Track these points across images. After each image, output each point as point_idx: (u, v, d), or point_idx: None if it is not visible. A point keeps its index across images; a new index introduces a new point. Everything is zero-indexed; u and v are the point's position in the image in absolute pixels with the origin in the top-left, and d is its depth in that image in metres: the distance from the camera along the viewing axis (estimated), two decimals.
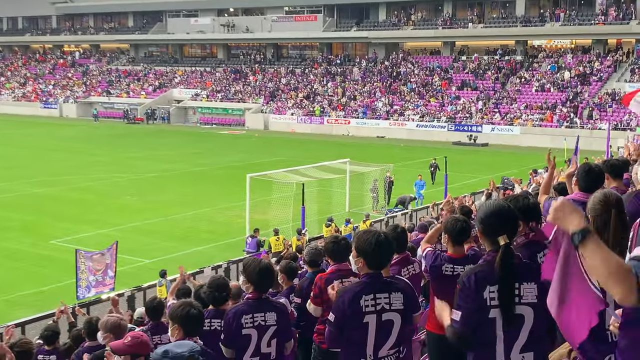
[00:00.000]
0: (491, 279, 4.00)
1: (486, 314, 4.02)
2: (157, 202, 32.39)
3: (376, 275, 4.89)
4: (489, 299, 4.01)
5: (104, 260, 17.99)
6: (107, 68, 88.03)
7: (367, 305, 4.75)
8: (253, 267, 5.89)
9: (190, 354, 3.64)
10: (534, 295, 4.04)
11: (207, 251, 24.28)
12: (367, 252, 4.84)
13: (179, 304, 5.36)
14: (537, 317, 4.05)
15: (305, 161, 37.31)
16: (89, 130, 66.08)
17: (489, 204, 4.24)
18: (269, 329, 5.82)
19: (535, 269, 4.14)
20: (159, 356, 3.65)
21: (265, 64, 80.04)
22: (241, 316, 5.75)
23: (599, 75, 59.30)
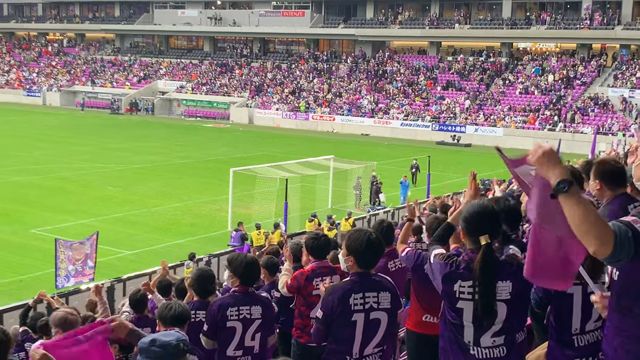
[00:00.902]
0: (465, 275, 4.08)
1: (454, 303, 4.13)
2: (139, 194, 32.29)
3: (366, 274, 4.94)
4: (458, 292, 4.10)
5: (84, 250, 17.94)
6: (92, 57, 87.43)
7: (356, 304, 4.80)
8: (239, 261, 5.93)
9: (177, 342, 3.69)
10: (508, 292, 4.14)
11: (189, 244, 24.22)
12: (358, 251, 4.88)
13: (164, 306, 5.42)
14: (510, 312, 4.15)
15: (289, 157, 37.32)
16: (73, 119, 65.65)
17: (473, 204, 4.31)
18: (254, 322, 5.85)
19: (512, 268, 4.23)
20: (146, 345, 3.70)
21: (252, 58, 79.86)
22: (227, 308, 5.78)
23: (583, 80, 59.73)
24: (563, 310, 4.43)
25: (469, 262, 4.12)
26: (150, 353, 3.69)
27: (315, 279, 6.62)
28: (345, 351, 4.85)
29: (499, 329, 4.14)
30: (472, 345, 4.14)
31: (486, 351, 4.14)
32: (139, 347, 3.75)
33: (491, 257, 4.06)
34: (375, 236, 4.96)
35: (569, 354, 4.40)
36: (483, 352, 4.14)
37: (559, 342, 4.46)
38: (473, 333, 4.13)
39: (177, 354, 3.70)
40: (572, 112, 55.36)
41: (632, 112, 53.37)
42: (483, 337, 4.13)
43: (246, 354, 5.88)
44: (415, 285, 6.47)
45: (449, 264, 4.15)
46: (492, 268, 4.04)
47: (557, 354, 4.49)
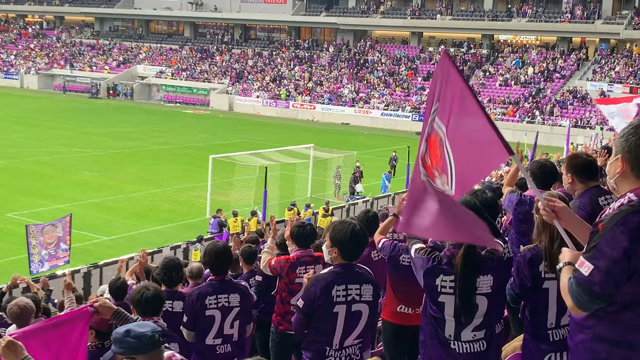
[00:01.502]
0: (447, 270, 4.09)
1: (436, 297, 4.15)
2: (117, 179, 32.05)
3: (349, 266, 4.93)
4: (440, 286, 4.11)
5: (55, 233, 17.75)
6: (71, 40, 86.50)
7: (338, 296, 4.79)
8: (209, 250, 5.97)
9: (152, 334, 3.66)
10: (489, 286, 4.17)
11: (167, 230, 24.16)
12: (342, 243, 4.86)
13: (136, 289, 5.40)
14: (490, 305, 4.17)
15: (269, 144, 37.25)
16: (51, 102, 64.95)
17: None
18: (232, 310, 5.88)
19: (493, 263, 4.24)
20: (120, 335, 3.66)
21: (233, 45, 79.43)
22: (205, 297, 5.79)
23: (562, 73, 60.12)
24: (539, 304, 4.43)
25: (450, 258, 4.12)
26: (124, 344, 3.66)
27: (299, 267, 6.65)
28: (325, 342, 4.84)
29: (480, 323, 4.16)
30: (452, 340, 4.15)
31: (466, 345, 4.15)
32: (114, 338, 3.72)
33: (473, 253, 4.06)
34: (360, 228, 4.94)
35: (544, 348, 4.41)
36: (463, 347, 4.16)
37: (534, 336, 4.47)
38: (454, 327, 4.14)
39: (152, 345, 3.67)
40: (551, 105, 55.73)
41: None
42: (464, 332, 4.14)
43: (225, 342, 5.90)
44: (390, 276, 6.49)
45: (431, 259, 4.15)
46: (473, 264, 4.04)
47: (532, 348, 4.50)
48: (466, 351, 4.15)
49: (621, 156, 3.04)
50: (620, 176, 3.07)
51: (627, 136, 3.02)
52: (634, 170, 3.01)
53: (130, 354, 3.65)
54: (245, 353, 6.31)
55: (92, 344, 5.51)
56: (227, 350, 5.92)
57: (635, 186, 3.01)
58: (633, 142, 2.99)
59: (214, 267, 6.01)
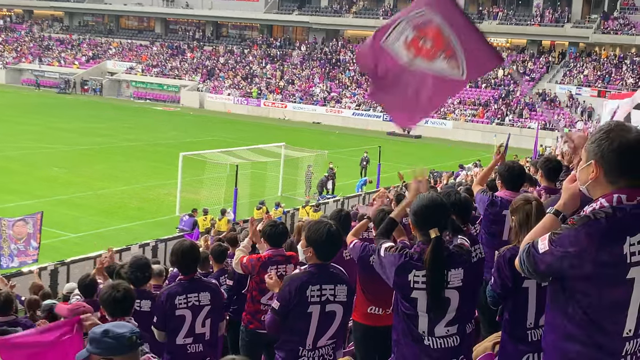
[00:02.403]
0: (419, 266, 4.09)
1: (408, 293, 4.13)
2: (85, 176, 31.68)
3: (323, 266, 4.92)
4: (412, 282, 4.09)
5: (26, 230, 17.55)
6: (40, 35, 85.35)
7: (312, 296, 4.78)
8: (176, 249, 5.95)
9: (130, 335, 3.61)
10: (460, 280, 4.17)
11: (136, 228, 23.94)
12: (318, 243, 4.86)
13: (104, 289, 5.34)
14: (462, 299, 4.19)
15: (240, 143, 37.10)
16: (19, 97, 64.01)
17: (422, 197, 4.32)
18: (203, 308, 5.85)
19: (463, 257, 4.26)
20: (98, 335, 3.59)
21: (204, 42, 79.01)
22: (174, 297, 5.75)
23: (532, 75, 60.75)
24: (518, 304, 4.47)
25: (420, 253, 4.14)
26: (102, 344, 3.60)
27: (270, 267, 6.62)
28: (298, 342, 4.84)
29: (452, 318, 4.17)
30: (426, 336, 4.15)
31: (440, 341, 4.16)
32: (90, 337, 3.64)
33: (441, 249, 4.08)
34: (336, 228, 4.93)
35: (522, 348, 4.44)
36: (437, 342, 4.16)
37: (512, 337, 4.50)
38: (427, 323, 4.14)
39: (130, 347, 3.62)
40: (520, 108, 56.30)
41: (578, 109, 54.55)
42: (437, 327, 4.15)
43: (197, 342, 5.87)
44: (360, 276, 6.49)
45: (402, 255, 4.15)
46: (442, 260, 4.06)
47: (509, 349, 4.52)
48: (440, 346, 4.16)
49: (594, 162, 3.02)
50: (593, 182, 3.06)
51: (599, 142, 3.00)
52: (607, 175, 3.01)
53: (107, 354, 3.59)
54: (217, 352, 6.28)
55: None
56: (198, 350, 5.88)
57: (607, 191, 3.01)
58: (606, 148, 2.98)
59: (181, 267, 5.99)
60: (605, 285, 2.94)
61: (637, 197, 2.97)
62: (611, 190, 3.01)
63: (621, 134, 2.98)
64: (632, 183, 2.99)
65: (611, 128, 3.03)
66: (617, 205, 2.95)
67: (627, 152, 2.96)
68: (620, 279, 2.92)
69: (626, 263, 2.90)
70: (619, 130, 3.00)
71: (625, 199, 2.96)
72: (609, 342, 2.97)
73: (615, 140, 2.97)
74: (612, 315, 2.97)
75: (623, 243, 2.90)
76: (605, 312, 2.97)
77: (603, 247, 2.89)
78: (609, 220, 2.91)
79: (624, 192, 2.97)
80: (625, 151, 2.96)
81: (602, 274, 2.92)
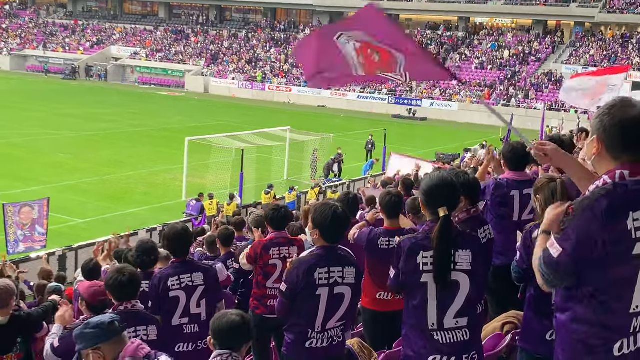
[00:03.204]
0: (426, 246, 4.09)
1: (418, 278, 4.10)
2: (92, 162, 31.75)
3: (331, 248, 4.92)
4: (421, 264, 4.08)
5: (31, 215, 17.63)
6: (44, 21, 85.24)
7: (320, 278, 4.77)
8: (166, 234, 6.01)
9: (111, 320, 3.65)
10: (469, 263, 4.14)
11: (143, 213, 24.00)
12: (324, 225, 4.86)
13: (110, 274, 5.34)
14: (472, 283, 4.16)
15: (245, 127, 37.09)
16: (24, 84, 64.02)
17: (432, 176, 4.32)
18: (197, 289, 5.89)
19: (473, 239, 4.26)
20: (80, 330, 3.69)
21: (208, 26, 78.77)
22: (167, 279, 5.81)
23: (537, 56, 60.44)
24: None
25: (428, 232, 4.13)
26: (85, 336, 3.66)
27: (273, 249, 6.64)
28: (307, 324, 4.84)
29: (462, 307, 4.14)
30: (436, 329, 4.13)
31: (449, 335, 4.14)
32: (75, 335, 3.72)
33: (449, 228, 4.08)
34: (342, 210, 4.93)
35: (547, 324, 4.46)
36: (446, 337, 4.14)
37: (538, 313, 4.53)
38: (437, 312, 4.12)
39: (113, 332, 3.66)
40: (526, 89, 56.06)
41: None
42: (446, 318, 4.12)
43: (192, 322, 5.91)
44: (368, 261, 6.50)
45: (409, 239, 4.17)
46: (449, 239, 4.05)
47: (534, 325, 4.56)
48: (449, 341, 4.14)
49: (596, 137, 3.03)
50: (596, 157, 3.06)
51: (602, 117, 3.01)
52: (610, 151, 3.01)
53: (92, 345, 3.63)
54: None
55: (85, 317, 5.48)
56: (194, 330, 5.93)
57: (611, 167, 3.01)
58: (607, 123, 2.98)
59: (173, 250, 6.04)
60: (612, 264, 2.93)
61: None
62: (614, 166, 3.00)
63: (623, 110, 2.98)
64: (635, 158, 2.98)
65: (615, 103, 3.03)
66: (619, 182, 2.94)
67: (628, 127, 2.95)
68: (626, 255, 2.91)
69: (631, 239, 2.89)
70: (621, 106, 3.00)
71: (628, 175, 2.95)
72: (616, 320, 2.98)
73: (617, 116, 2.97)
74: (619, 293, 2.96)
75: (626, 218, 2.88)
76: (613, 291, 2.97)
77: (606, 226, 2.88)
78: (609, 197, 2.90)
79: (627, 168, 2.96)
80: (626, 126, 2.95)
81: (608, 252, 2.90)
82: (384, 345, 6.41)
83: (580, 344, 3.05)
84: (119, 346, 3.66)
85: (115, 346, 3.65)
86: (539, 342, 4.55)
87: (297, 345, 4.90)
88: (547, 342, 4.48)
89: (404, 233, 6.66)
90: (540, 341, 4.54)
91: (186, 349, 5.89)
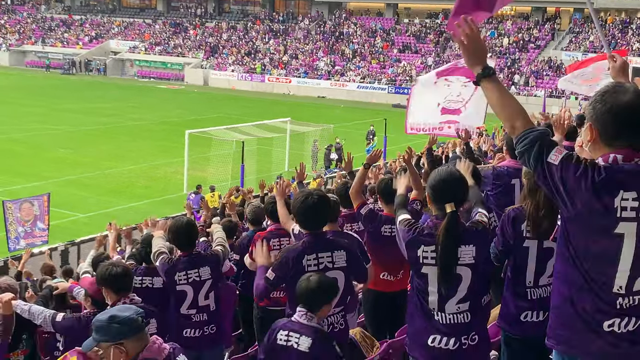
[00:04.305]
0: (427, 241, 4.08)
1: (419, 268, 4.16)
2: (92, 156, 31.74)
3: (319, 235, 4.93)
4: (422, 257, 4.11)
5: (32, 211, 17.62)
6: (42, 16, 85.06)
7: (309, 265, 4.79)
8: (172, 226, 6.04)
9: (137, 316, 3.60)
10: (472, 257, 4.15)
11: (144, 207, 24.00)
12: (299, 213, 4.90)
13: (101, 268, 5.28)
14: (474, 277, 4.18)
15: (245, 119, 37.06)
16: (23, 79, 63.95)
17: (440, 170, 4.29)
18: (204, 283, 5.91)
19: (476, 233, 4.25)
20: (105, 323, 3.56)
21: (206, 19, 78.57)
22: (174, 274, 5.80)
23: (537, 43, 60.28)
24: (519, 263, 4.58)
25: (432, 228, 4.12)
26: (111, 330, 3.56)
27: (273, 240, 6.65)
28: None
29: (464, 296, 4.17)
30: (436, 311, 4.16)
31: (450, 317, 4.18)
32: (95, 325, 3.59)
33: (456, 224, 4.05)
34: (317, 197, 4.88)
35: (522, 305, 4.56)
36: (447, 318, 4.18)
37: (514, 294, 4.63)
38: (438, 299, 4.14)
39: (138, 328, 3.61)
40: (526, 76, 55.94)
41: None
42: (448, 304, 4.16)
43: (201, 312, 5.93)
44: (369, 243, 6.51)
45: (412, 230, 4.17)
46: (455, 235, 4.04)
47: (510, 306, 4.65)
48: (449, 322, 4.18)
49: (590, 124, 3.05)
50: (591, 144, 3.08)
51: (594, 104, 3.02)
52: (602, 137, 3.02)
53: (116, 340, 3.56)
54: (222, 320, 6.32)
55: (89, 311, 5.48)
56: (203, 319, 5.97)
57: (604, 153, 3.03)
58: (599, 110, 2.99)
59: (179, 244, 6.01)
60: (591, 233, 2.97)
61: (634, 159, 2.97)
62: (608, 152, 3.02)
63: (615, 96, 2.98)
64: (627, 144, 2.98)
65: (607, 90, 3.03)
66: (613, 163, 2.97)
67: (620, 114, 2.95)
68: (607, 230, 2.94)
69: (615, 216, 2.92)
70: (614, 92, 3.00)
71: (622, 159, 2.97)
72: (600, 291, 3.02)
73: (608, 103, 2.98)
74: (599, 267, 3.00)
75: (616, 195, 2.91)
76: (592, 261, 3.01)
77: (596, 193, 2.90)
78: (607, 170, 2.93)
79: (620, 153, 2.98)
80: (618, 113, 2.95)
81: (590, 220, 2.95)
82: (385, 333, 6.43)
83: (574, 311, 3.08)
84: (141, 343, 3.63)
85: (137, 343, 3.61)
86: (514, 322, 4.64)
87: None
88: (522, 323, 4.62)
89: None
90: (515, 322, 4.63)
91: (193, 335, 5.93)
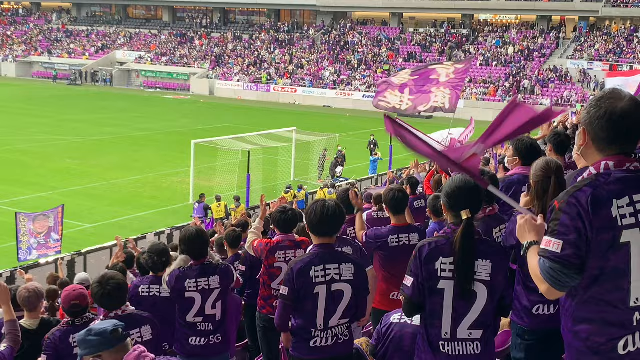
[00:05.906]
0: (446, 251, 3.98)
1: (435, 284, 4.01)
2: (99, 166, 31.86)
3: (327, 246, 4.94)
4: (439, 270, 3.99)
5: (47, 223, 17.73)
6: (48, 27, 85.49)
7: (317, 276, 4.79)
8: (182, 237, 6.02)
9: (114, 328, 3.62)
10: (487, 273, 4.04)
11: (150, 217, 24.07)
12: (313, 222, 4.90)
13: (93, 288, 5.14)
14: (490, 295, 4.07)
15: (251, 128, 37.14)
16: (29, 90, 64.22)
17: (455, 178, 4.26)
18: (212, 292, 5.91)
19: (493, 247, 4.22)
20: (82, 336, 3.63)
21: (212, 29, 78.86)
22: (184, 280, 5.82)
23: (542, 52, 60.28)
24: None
25: (449, 235, 4.05)
26: (88, 343, 3.61)
27: (279, 252, 6.63)
28: (309, 323, 4.86)
29: (477, 319, 4.04)
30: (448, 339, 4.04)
31: (459, 347, 4.05)
32: (77, 340, 3.67)
33: (471, 232, 3.99)
34: (330, 204, 4.92)
35: (533, 299, 4.50)
36: (456, 349, 4.05)
37: (525, 287, 4.57)
38: (451, 321, 4.02)
39: (115, 339, 3.63)
40: (532, 84, 55.93)
41: (590, 84, 54.11)
42: (460, 328, 4.02)
43: (207, 321, 5.95)
44: (382, 262, 6.49)
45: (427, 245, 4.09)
46: (472, 243, 3.96)
47: (523, 300, 4.60)
48: (459, 353, 4.06)
49: (583, 129, 3.01)
50: (584, 149, 3.05)
51: (589, 108, 2.99)
52: (595, 143, 2.99)
53: (95, 352, 3.60)
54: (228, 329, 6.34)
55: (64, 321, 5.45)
56: (208, 328, 5.99)
57: (597, 159, 3.00)
58: (593, 115, 2.96)
59: (191, 253, 6.02)
60: (602, 252, 2.91)
61: (626, 164, 2.95)
62: (600, 158, 2.99)
63: (609, 102, 2.94)
64: (620, 151, 2.96)
65: (602, 96, 2.99)
66: (602, 172, 2.94)
67: (614, 120, 2.92)
68: (614, 243, 2.90)
69: (617, 226, 2.89)
70: (609, 99, 2.96)
71: (613, 166, 2.95)
72: (617, 314, 2.95)
73: (602, 109, 2.94)
74: (614, 284, 2.94)
75: (610, 206, 2.89)
76: (607, 283, 2.94)
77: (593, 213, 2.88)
78: (592, 186, 2.91)
79: (612, 160, 2.95)
80: (612, 120, 2.92)
81: (598, 241, 2.90)
82: None
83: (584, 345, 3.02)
84: (122, 354, 3.62)
85: (118, 354, 3.61)
86: (526, 315, 4.61)
87: (302, 344, 4.93)
88: (535, 316, 4.57)
89: (412, 229, 6.69)
90: (527, 314, 4.60)
91: (198, 343, 5.96)
